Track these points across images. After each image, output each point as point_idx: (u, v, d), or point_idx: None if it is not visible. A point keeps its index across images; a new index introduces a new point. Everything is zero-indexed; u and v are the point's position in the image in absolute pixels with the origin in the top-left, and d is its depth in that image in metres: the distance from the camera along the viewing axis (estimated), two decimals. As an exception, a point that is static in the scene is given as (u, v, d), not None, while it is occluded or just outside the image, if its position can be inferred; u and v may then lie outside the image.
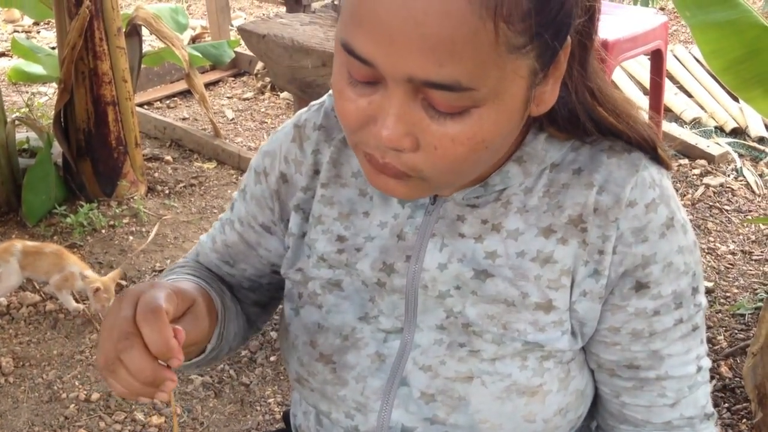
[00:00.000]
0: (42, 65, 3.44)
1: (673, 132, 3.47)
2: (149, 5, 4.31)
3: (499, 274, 0.77)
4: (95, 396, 2.18)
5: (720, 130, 3.62)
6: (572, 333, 0.78)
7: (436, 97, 0.62)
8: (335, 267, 0.84)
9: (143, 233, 2.94)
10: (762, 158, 3.40)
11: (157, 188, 3.26)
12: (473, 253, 0.78)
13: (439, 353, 0.79)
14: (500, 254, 0.78)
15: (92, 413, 2.13)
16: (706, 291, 2.56)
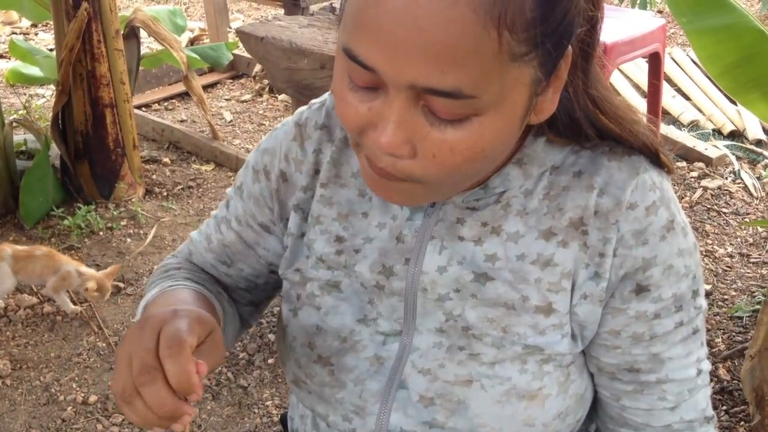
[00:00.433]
0: (40, 67, 3.43)
1: (671, 135, 3.48)
2: (147, 7, 4.31)
3: (499, 277, 0.77)
4: (93, 398, 2.17)
5: (718, 133, 3.62)
6: (572, 336, 0.78)
7: (438, 104, 0.62)
8: (334, 268, 0.84)
9: (141, 235, 2.94)
10: (760, 161, 3.40)
11: (155, 190, 3.25)
12: (473, 256, 0.78)
13: (439, 356, 0.79)
14: (500, 257, 0.77)
15: (90, 416, 2.13)
16: (705, 293, 2.57)
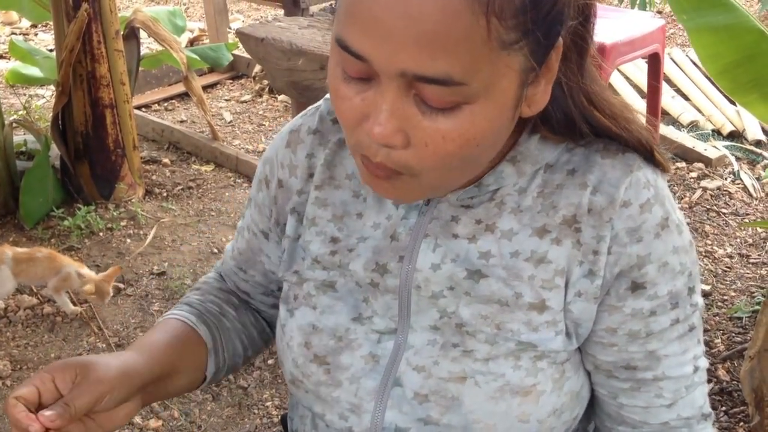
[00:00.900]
0: (40, 68, 3.44)
1: (671, 135, 3.48)
2: (147, 8, 4.31)
3: (493, 275, 0.77)
4: (92, 399, 2.17)
5: (717, 134, 3.62)
6: (567, 334, 0.78)
7: (428, 92, 0.62)
8: (329, 268, 0.84)
9: (141, 236, 2.94)
10: (759, 161, 3.40)
11: (155, 191, 3.25)
12: (467, 254, 0.78)
13: (433, 353, 0.79)
14: (494, 254, 0.77)
15: (89, 416, 2.13)
16: (704, 294, 2.57)
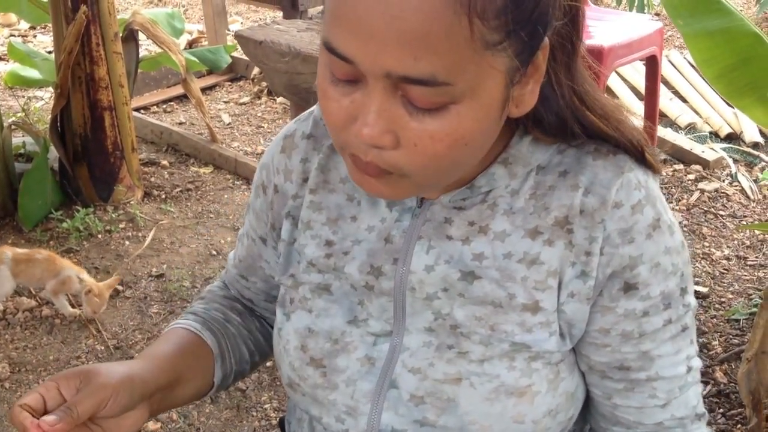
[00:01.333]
0: (38, 70, 3.44)
1: (668, 137, 3.48)
2: (146, 10, 4.32)
3: (486, 276, 0.78)
4: (90, 401, 2.17)
5: (715, 136, 3.63)
6: (560, 334, 0.78)
7: (414, 93, 0.63)
8: (324, 271, 0.85)
9: (139, 238, 2.94)
10: (757, 163, 3.41)
11: (154, 193, 3.26)
12: (460, 255, 0.79)
13: (428, 355, 0.80)
14: (487, 256, 0.78)
15: (87, 418, 2.13)
16: (701, 296, 2.57)
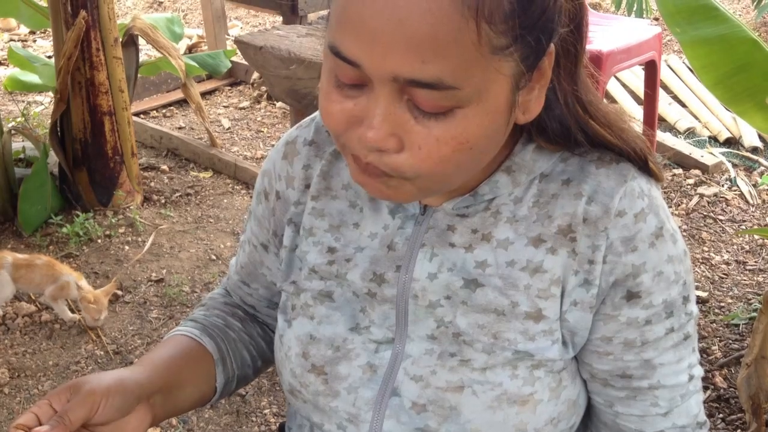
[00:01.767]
0: (38, 75, 3.44)
1: (668, 142, 3.49)
2: (145, 15, 4.32)
3: (489, 284, 0.78)
4: (90, 406, 2.17)
5: (714, 140, 3.64)
6: (563, 342, 0.79)
7: (421, 97, 0.63)
8: (326, 278, 0.84)
9: (139, 243, 2.94)
10: (756, 168, 3.41)
11: (153, 198, 3.26)
12: (463, 263, 0.79)
13: (430, 363, 0.80)
14: (490, 264, 0.78)
15: (87, 423, 2.12)
16: (701, 301, 2.57)
